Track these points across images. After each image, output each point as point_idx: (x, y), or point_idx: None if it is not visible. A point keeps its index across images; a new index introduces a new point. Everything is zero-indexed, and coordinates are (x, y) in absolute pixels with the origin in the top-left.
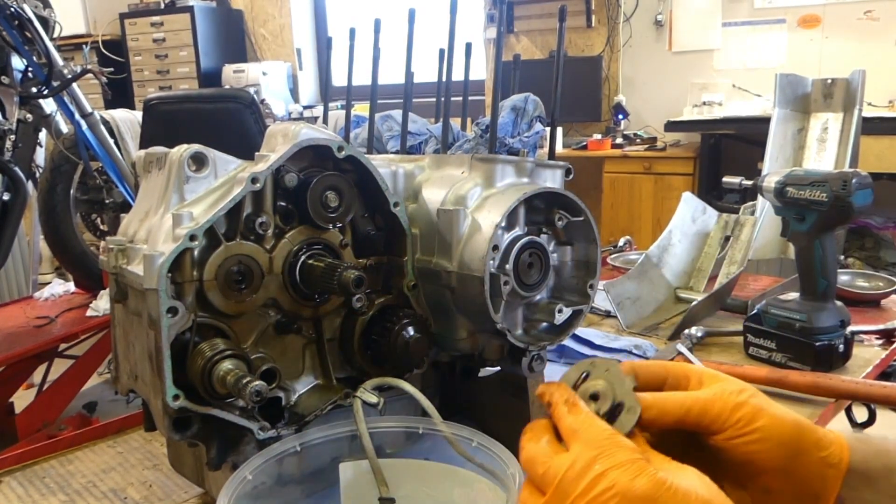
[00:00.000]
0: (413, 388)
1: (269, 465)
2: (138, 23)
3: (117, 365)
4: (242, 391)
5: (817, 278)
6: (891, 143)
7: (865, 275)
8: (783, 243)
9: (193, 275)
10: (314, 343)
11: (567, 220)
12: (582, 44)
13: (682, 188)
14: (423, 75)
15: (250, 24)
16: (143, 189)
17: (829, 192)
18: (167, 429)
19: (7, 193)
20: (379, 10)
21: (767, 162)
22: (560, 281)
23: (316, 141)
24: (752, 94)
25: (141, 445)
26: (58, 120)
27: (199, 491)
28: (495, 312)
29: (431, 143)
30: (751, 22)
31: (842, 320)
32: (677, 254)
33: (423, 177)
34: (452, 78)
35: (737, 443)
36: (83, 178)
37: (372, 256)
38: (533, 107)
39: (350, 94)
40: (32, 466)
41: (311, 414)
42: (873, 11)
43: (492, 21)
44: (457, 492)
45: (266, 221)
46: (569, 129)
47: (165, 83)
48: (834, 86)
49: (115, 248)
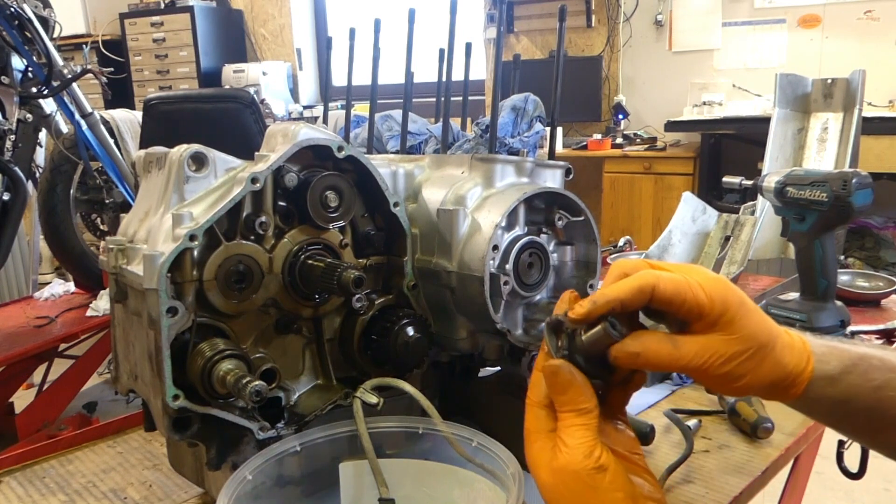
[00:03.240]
0: (413, 388)
1: (269, 465)
2: (138, 23)
3: (117, 365)
4: (242, 391)
5: (817, 278)
6: (891, 143)
7: (865, 275)
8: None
9: (193, 275)
10: (314, 343)
11: (567, 220)
12: (582, 44)
13: (682, 188)
14: (423, 75)
15: (250, 24)
16: (143, 189)
17: (829, 192)
18: (167, 429)
19: (7, 193)
20: (379, 10)
21: (767, 162)
22: (560, 281)
23: (316, 141)
24: (752, 94)
25: (141, 445)
26: (58, 120)
27: (199, 491)
28: (495, 312)
29: (431, 143)
30: (751, 22)
31: (842, 320)
32: (677, 254)
33: (423, 177)
34: (452, 78)
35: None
36: (83, 178)
37: (372, 256)
38: (533, 107)
39: (350, 94)
40: (32, 466)
41: (311, 414)
42: (873, 11)
43: (492, 21)
44: (457, 492)
45: (266, 221)
46: (569, 129)
47: (165, 83)
48: (834, 86)
49: (115, 248)
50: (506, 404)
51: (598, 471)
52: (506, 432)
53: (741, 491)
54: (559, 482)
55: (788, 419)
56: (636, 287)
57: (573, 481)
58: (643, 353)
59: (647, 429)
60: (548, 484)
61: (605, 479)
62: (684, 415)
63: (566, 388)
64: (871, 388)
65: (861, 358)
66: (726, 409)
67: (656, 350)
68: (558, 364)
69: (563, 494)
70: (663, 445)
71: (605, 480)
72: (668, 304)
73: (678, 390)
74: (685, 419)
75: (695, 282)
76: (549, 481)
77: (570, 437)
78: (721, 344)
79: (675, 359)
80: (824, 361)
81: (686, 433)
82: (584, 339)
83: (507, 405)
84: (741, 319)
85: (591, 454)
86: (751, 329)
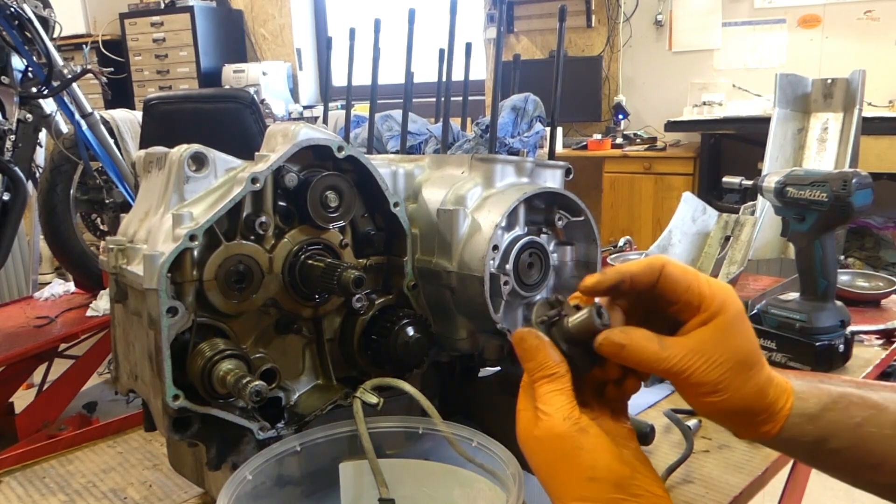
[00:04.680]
0: (413, 388)
1: (269, 465)
2: (138, 23)
3: (117, 365)
4: (242, 391)
5: (817, 278)
6: (891, 143)
7: (865, 275)
8: (783, 243)
9: (193, 275)
10: (314, 343)
11: (567, 220)
12: (582, 44)
13: (682, 188)
14: (423, 75)
15: (250, 24)
16: (143, 189)
17: (829, 192)
18: (167, 429)
19: (7, 193)
20: (379, 10)
21: (767, 162)
22: (560, 281)
23: (316, 141)
24: (752, 94)
25: (141, 445)
26: (58, 120)
27: (199, 491)
28: (495, 312)
29: (431, 143)
30: (751, 22)
31: (842, 320)
32: (677, 254)
33: (423, 177)
34: (452, 78)
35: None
36: (83, 178)
37: (372, 256)
38: (533, 107)
39: (350, 94)
40: (32, 466)
41: (311, 414)
42: (873, 11)
43: (492, 21)
44: (457, 492)
45: (266, 221)
46: (569, 129)
47: (165, 83)
48: (834, 86)
49: (115, 248)
50: (506, 404)
51: (580, 432)
52: (506, 432)
53: (741, 491)
54: (543, 449)
55: None
56: (646, 263)
57: (556, 445)
58: (628, 346)
59: (647, 429)
60: (534, 452)
61: (588, 440)
62: (684, 415)
63: (534, 354)
64: (852, 425)
65: (841, 396)
66: None
67: (642, 346)
68: (525, 330)
69: (548, 461)
70: (663, 445)
71: (589, 441)
72: (674, 285)
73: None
74: (685, 419)
75: (702, 276)
76: (535, 449)
77: (547, 403)
78: (709, 347)
79: (660, 359)
80: (803, 399)
81: (686, 433)
82: (569, 323)
83: (507, 405)
84: (737, 328)
85: (570, 416)
86: (742, 343)
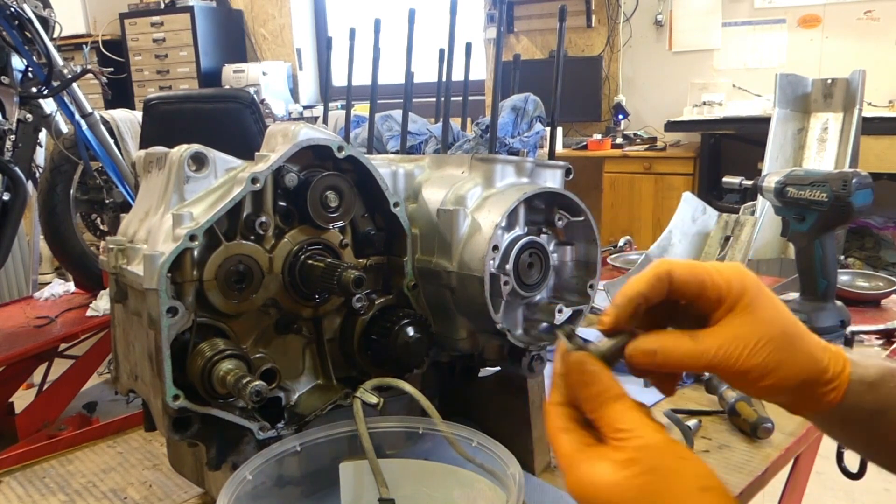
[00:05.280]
0: (413, 388)
1: (269, 465)
2: (138, 23)
3: (117, 365)
4: (242, 391)
5: (817, 278)
6: (891, 143)
7: (865, 275)
8: (783, 243)
9: (193, 275)
10: (314, 343)
11: (567, 220)
12: (582, 44)
13: (682, 188)
14: (423, 75)
15: (250, 24)
16: (143, 189)
17: (829, 192)
18: (167, 429)
19: (7, 193)
20: (379, 10)
21: (767, 162)
22: (560, 281)
23: (316, 141)
24: (752, 94)
25: (141, 445)
26: (58, 120)
27: (199, 491)
28: (495, 312)
29: (431, 143)
30: (751, 22)
31: (842, 320)
32: (677, 254)
33: (423, 177)
34: (452, 78)
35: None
36: (83, 178)
37: (372, 256)
38: (533, 107)
39: (350, 94)
40: (32, 466)
41: (311, 414)
42: (873, 11)
43: (492, 21)
44: (457, 492)
45: (266, 221)
46: (569, 129)
47: (165, 83)
48: (834, 86)
49: (115, 248)
50: (506, 404)
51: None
52: (506, 432)
53: (741, 491)
54: (642, 471)
55: (788, 419)
56: (652, 276)
57: (657, 461)
58: (660, 350)
59: None
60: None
61: (683, 449)
62: (684, 415)
63: (598, 377)
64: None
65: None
66: (726, 409)
67: (675, 345)
68: (583, 355)
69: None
70: None
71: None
72: (687, 287)
73: (678, 390)
74: (685, 419)
75: (710, 266)
76: (623, 475)
77: (629, 421)
78: (745, 330)
79: (697, 353)
80: (861, 366)
81: (686, 433)
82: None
83: (507, 405)
84: (762, 302)
85: (661, 428)
86: (773, 314)
